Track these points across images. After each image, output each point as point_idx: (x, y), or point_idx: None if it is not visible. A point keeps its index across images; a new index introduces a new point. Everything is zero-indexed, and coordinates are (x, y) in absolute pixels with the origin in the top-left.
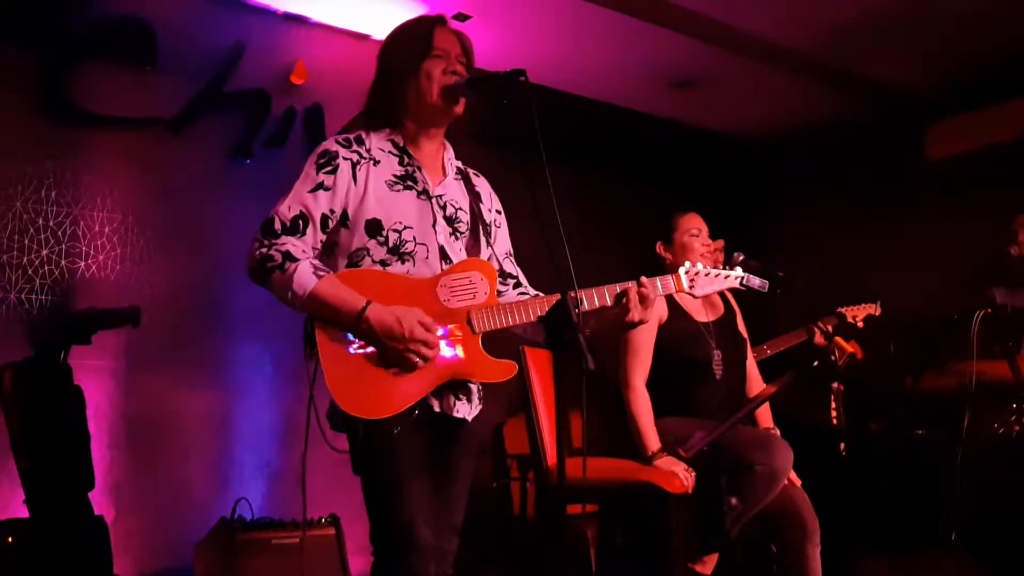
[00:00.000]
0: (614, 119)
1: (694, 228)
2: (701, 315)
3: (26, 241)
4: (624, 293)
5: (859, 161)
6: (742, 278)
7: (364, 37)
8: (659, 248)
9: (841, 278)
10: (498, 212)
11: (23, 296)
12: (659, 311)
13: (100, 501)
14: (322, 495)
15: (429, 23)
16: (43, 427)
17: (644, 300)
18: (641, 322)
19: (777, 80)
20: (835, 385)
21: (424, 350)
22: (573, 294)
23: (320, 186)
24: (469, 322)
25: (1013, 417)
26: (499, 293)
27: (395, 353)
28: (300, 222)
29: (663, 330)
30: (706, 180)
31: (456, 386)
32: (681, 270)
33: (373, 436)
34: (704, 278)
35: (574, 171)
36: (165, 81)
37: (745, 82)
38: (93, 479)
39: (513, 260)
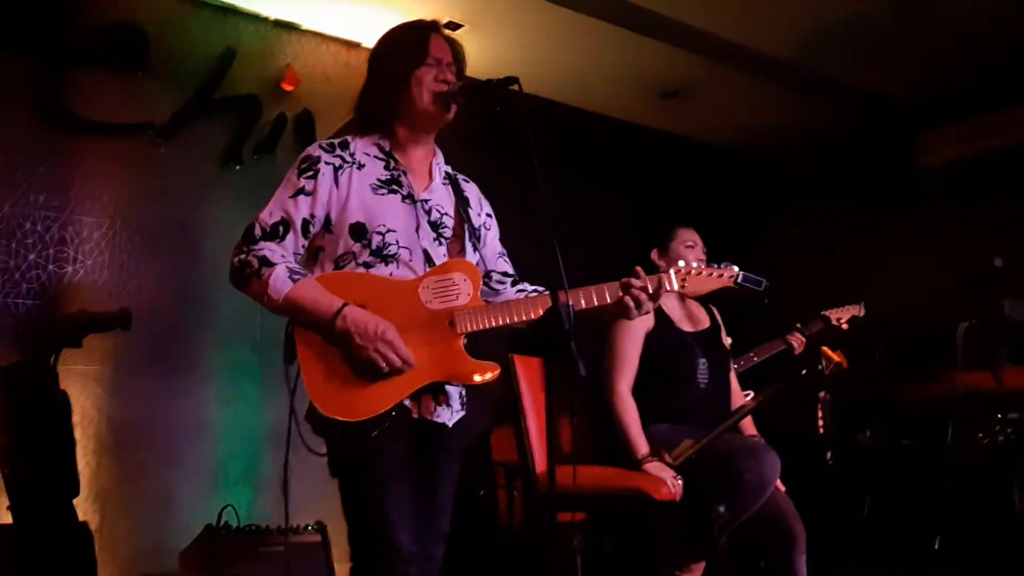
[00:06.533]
0: (603, 128)
1: (690, 240)
2: (687, 325)
3: (13, 245)
4: (625, 290)
5: (849, 170)
6: (737, 276)
7: (355, 45)
8: (653, 256)
9: (829, 286)
10: (488, 215)
11: (9, 300)
12: (646, 320)
13: (85, 507)
14: (309, 502)
15: (424, 29)
16: (28, 433)
17: (639, 304)
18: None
19: (767, 89)
20: (822, 394)
21: (391, 355)
22: (564, 298)
23: (301, 191)
24: (452, 323)
25: (997, 427)
26: (496, 291)
27: (365, 353)
28: (280, 227)
29: (649, 338)
30: (696, 189)
31: (436, 390)
32: (672, 270)
33: (351, 439)
34: (696, 277)
35: (563, 180)
36: (156, 87)
37: (735, 92)
38: (78, 485)
39: (507, 259)
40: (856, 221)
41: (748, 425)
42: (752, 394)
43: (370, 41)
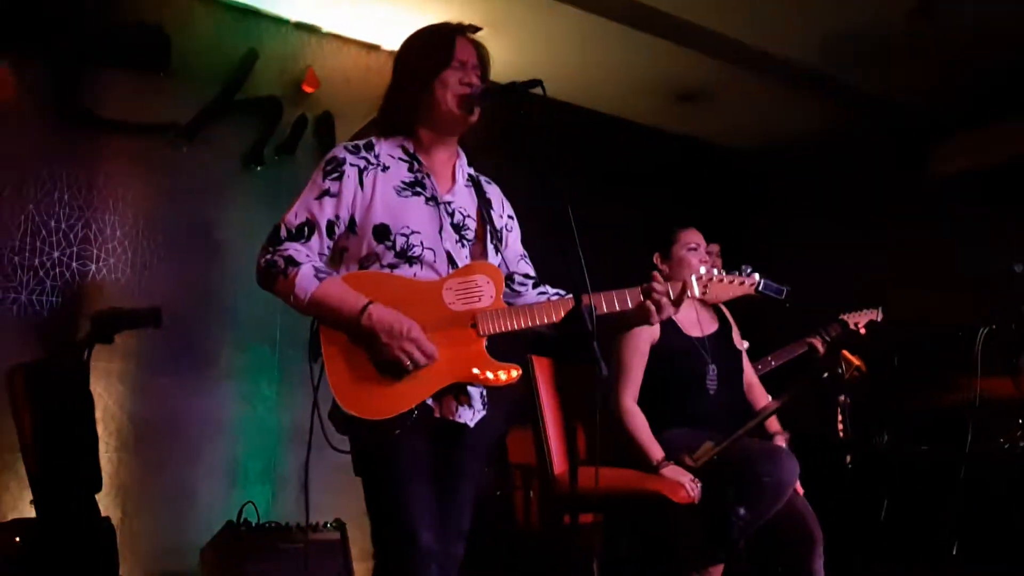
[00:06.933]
0: (617, 132)
1: (692, 242)
2: (695, 330)
3: (38, 243)
4: (647, 295)
5: (863, 176)
6: (758, 284)
7: (375, 47)
8: (656, 259)
9: (843, 291)
10: (510, 217)
11: (34, 297)
12: (651, 332)
13: (107, 503)
14: (327, 500)
15: (449, 32)
16: (54, 428)
17: (661, 309)
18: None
19: (782, 94)
20: (842, 398)
21: (417, 354)
22: (587, 301)
23: (326, 193)
24: (474, 325)
25: (1019, 432)
26: (517, 293)
27: (390, 352)
28: (305, 228)
29: (656, 349)
30: (709, 192)
31: (458, 391)
32: (694, 276)
33: (374, 437)
34: (718, 284)
35: (578, 181)
36: (179, 87)
37: (750, 95)
38: (101, 481)
39: (528, 261)
40: (869, 226)
41: (772, 421)
42: (770, 398)
43: (390, 44)
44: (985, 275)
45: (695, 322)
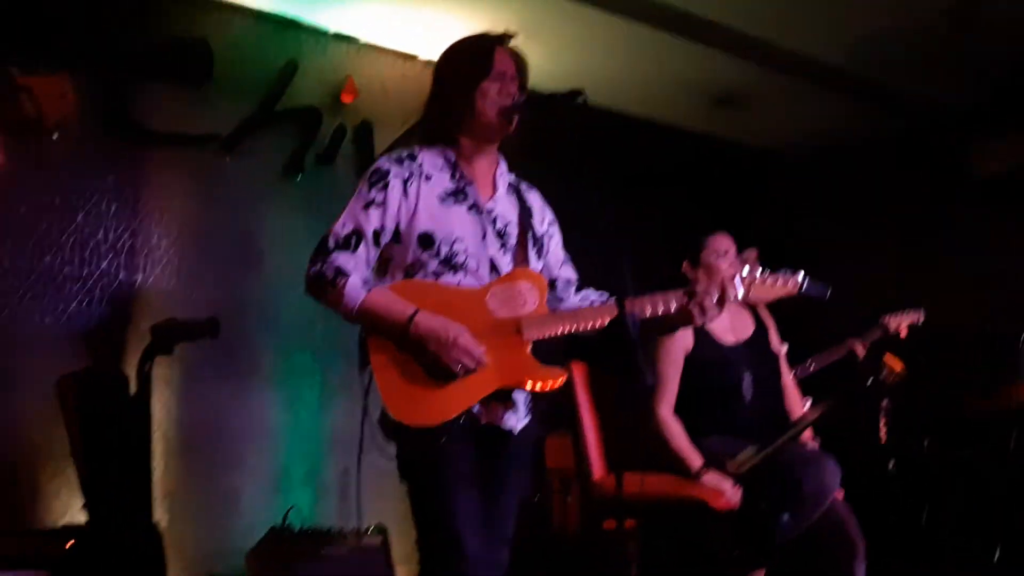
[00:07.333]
0: (654, 134)
1: (722, 248)
2: (730, 336)
3: (86, 254)
4: (690, 297)
5: (905, 177)
6: (802, 284)
7: (412, 57)
8: (685, 267)
9: (885, 295)
10: (551, 223)
11: (83, 307)
12: (686, 341)
13: (153, 508)
14: (369, 505)
15: (488, 43)
16: (105, 436)
17: (704, 311)
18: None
19: (820, 97)
20: (884, 403)
21: (466, 359)
22: (630, 307)
23: (372, 203)
24: (519, 331)
25: None
26: (560, 298)
27: (438, 359)
28: (353, 238)
29: (690, 359)
30: (749, 196)
31: (503, 396)
32: (736, 277)
33: (420, 444)
34: (761, 285)
35: (613, 185)
36: (221, 99)
37: (788, 99)
38: (150, 486)
39: (570, 265)
40: (910, 229)
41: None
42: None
43: (426, 53)
44: None
45: (729, 328)
